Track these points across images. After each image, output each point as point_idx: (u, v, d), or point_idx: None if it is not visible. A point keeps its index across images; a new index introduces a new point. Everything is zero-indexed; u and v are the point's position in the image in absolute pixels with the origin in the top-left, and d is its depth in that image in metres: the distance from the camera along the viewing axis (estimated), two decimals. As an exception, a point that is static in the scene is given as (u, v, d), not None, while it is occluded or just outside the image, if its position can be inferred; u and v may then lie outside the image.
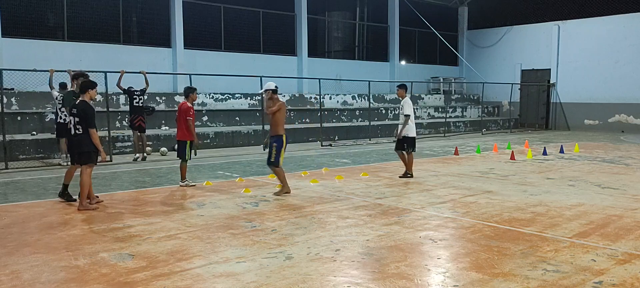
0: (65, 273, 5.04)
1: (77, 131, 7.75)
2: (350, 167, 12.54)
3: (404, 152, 10.76)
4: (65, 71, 12.99)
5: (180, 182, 9.83)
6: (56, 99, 12.29)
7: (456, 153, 14.93)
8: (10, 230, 6.63)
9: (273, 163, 8.86)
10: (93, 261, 5.38)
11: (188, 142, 9.70)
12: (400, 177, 10.76)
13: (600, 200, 8.44)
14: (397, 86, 11.08)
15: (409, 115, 10.54)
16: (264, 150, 8.51)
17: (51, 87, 12.53)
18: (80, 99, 7.86)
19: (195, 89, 10.08)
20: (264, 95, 9.74)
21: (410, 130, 10.62)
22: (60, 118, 12.12)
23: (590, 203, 8.25)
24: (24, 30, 16.57)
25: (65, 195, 8.39)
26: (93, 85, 7.98)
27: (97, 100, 16.42)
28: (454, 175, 11.21)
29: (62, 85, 12.57)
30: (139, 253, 5.64)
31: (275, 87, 8.90)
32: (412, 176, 10.76)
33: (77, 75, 10.02)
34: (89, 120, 7.72)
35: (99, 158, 8.05)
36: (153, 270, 5.09)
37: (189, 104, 9.74)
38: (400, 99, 10.78)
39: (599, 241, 6.11)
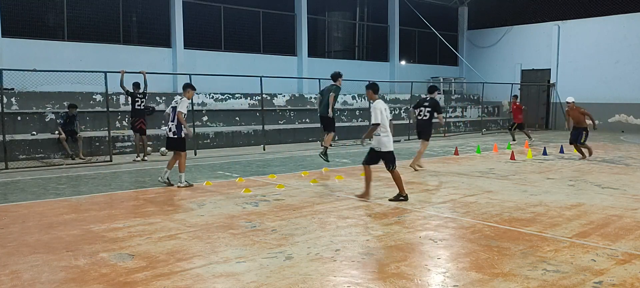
0: (65, 273, 5.04)
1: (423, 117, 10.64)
2: (350, 167, 12.54)
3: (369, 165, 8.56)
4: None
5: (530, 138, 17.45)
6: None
7: (456, 153, 14.93)
8: (10, 230, 6.63)
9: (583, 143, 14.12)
10: (93, 261, 5.38)
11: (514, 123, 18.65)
12: (390, 199, 8.42)
13: (600, 200, 8.44)
14: (366, 86, 8.84)
15: (377, 124, 8.24)
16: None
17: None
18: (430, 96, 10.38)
19: (518, 96, 16.03)
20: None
21: (382, 143, 8.30)
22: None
23: (590, 203, 8.24)
24: (24, 30, 16.55)
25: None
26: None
27: (97, 100, 16.46)
28: (454, 175, 11.21)
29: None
30: (139, 253, 5.64)
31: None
32: (406, 198, 8.37)
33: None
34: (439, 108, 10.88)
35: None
36: (153, 270, 5.09)
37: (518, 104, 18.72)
38: (371, 101, 8.75)
39: (599, 241, 6.11)
